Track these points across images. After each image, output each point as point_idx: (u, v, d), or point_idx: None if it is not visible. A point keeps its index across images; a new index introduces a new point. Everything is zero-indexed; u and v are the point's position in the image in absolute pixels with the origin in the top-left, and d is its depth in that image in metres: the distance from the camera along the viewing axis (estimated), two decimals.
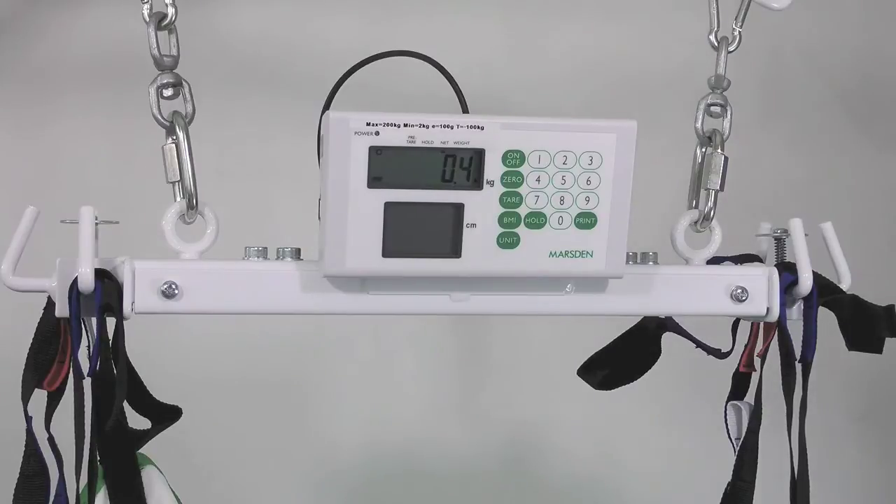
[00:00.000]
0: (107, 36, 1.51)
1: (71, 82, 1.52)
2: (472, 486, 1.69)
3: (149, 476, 0.93)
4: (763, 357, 1.03)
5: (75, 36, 1.52)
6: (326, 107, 0.95)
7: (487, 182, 0.90)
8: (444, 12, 1.62)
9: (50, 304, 0.89)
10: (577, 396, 1.04)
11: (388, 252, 0.89)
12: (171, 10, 0.92)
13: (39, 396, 0.89)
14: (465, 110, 0.98)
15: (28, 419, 0.88)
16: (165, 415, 0.93)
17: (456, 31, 1.62)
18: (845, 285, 1.03)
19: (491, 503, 1.70)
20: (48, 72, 1.52)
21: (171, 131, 0.92)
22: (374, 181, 0.88)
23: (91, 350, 0.88)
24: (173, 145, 0.92)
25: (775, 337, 1.01)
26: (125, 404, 0.89)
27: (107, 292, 0.87)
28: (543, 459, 1.71)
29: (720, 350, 1.07)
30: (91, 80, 1.52)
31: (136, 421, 0.92)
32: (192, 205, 0.92)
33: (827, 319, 1.03)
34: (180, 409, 0.94)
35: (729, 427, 1.07)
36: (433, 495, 1.69)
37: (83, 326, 0.88)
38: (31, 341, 0.90)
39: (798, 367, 1.01)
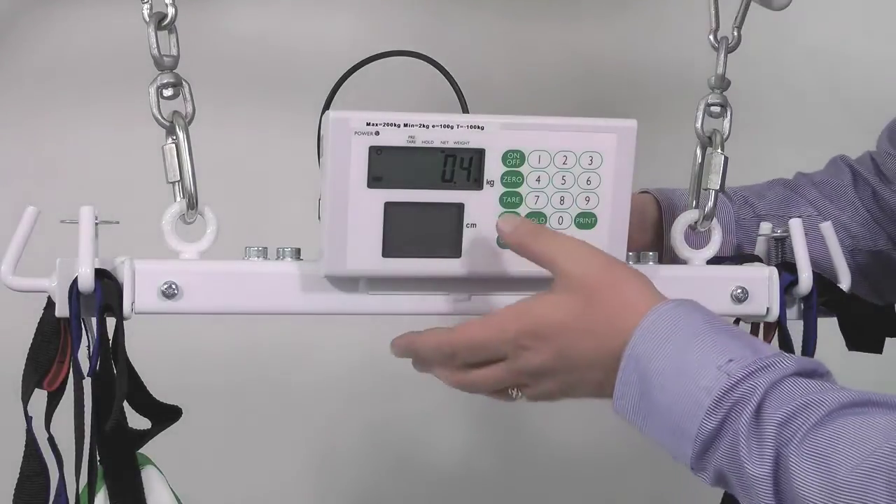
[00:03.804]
0: (107, 36, 1.50)
1: (71, 82, 1.52)
2: (473, 486, 1.69)
3: (148, 476, 0.93)
4: None
5: (75, 36, 1.52)
6: (326, 106, 0.95)
7: (487, 182, 0.90)
8: (443, 11, 1.62)
9: (50, 304, 0.89)
10: None
11: (388, 252, 0.89)
12: (170, 10, 0.92)
13: (40, 396, 0.89)
14: (465, 110, 0.98)
15: (28, 419, 0.88)
16: (165, 415, 0.93)
17: (456, 30, 1.62)
18: (845, 285, 1.03)
19: (491, 503, 1.70)
20: (48, 72, 1.52)
21: (171, 131, 0.92)
22: (374, 181, 0.88)
23: (91, 350, 0.88)
24: (173, 145, 0.92)
25: (775, 337, 1.01)
26: (125, 404, 0.89)
27: (107, 292, 0.87)
28: (543, 458, 1.71)
29: None
30: (91, 80, 1.52)
31: (136, 421, 0.92)
32: (192, 205, 0.92)
33: (827, 319, 1.03)
34: (180, 409, 0.93)
35: None
36: (433, 495, 1.69)
37: (83, 326, 0.88)
38: (30, 341, 0.90)
39: None
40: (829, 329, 1.03)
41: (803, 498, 0.73)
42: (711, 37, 1.04)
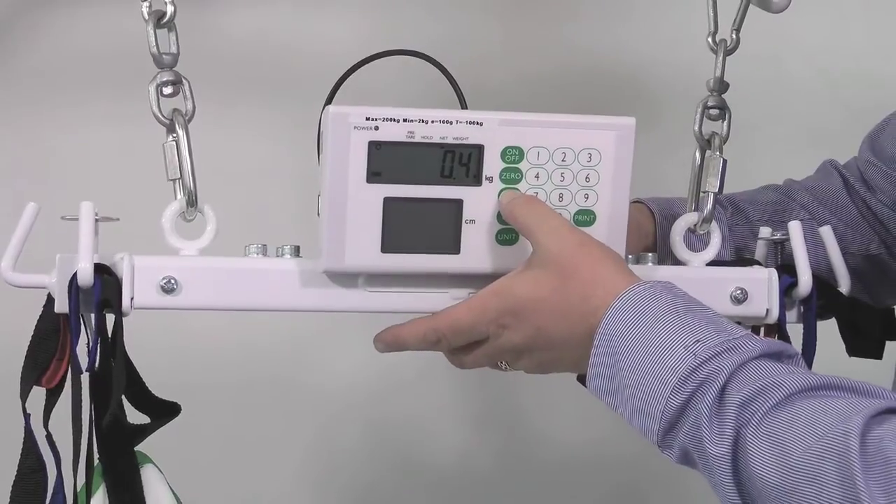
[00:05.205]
0: (107, 34, 1.51)
1: (71, 80, 1.52)
2: (472, 486, 1.69)
3: (147, 474, 0.92)
4: None
5: (75, 34, 1.52)
6: (327, 105, 0.95)
7: (486, 178, 0.90)
8: (443, 11, 1.62)
9: (49, 301, 0.89)
10: (576, 395, 1.04)
11: (387, 248, 0.89)
12: (170, 8, 0.92)
13: (39, 394, 0.89)
14: (464, 108, 0.98)
15: (26, 416, 0.88)
16: (164, 411, 0.93)
17: (455, 29, 1.62)
18: (844, 289, 1.03)
19: (490, 502, 1.70)
20: (48, 70, 1.52)
21: (171, 129, 0.92)
22: (374, 176, 0.88)
23: (90, 346, 0.88)
24: (173, 143, 0.92)
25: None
26: (124, 401, 0.89)
27: (106, 287, 0.87)
28: (543, 458, 1.71)
29: None
30: (91, 78, 1.52)
31: (135, 418, 0.92)
32: (191, 202, 0.92)
33: (827, 323, 1.03)
34: (179, 406, 0.93)
35: None
36: (433, 495, 1.69)
37: (82, 322, 0.88)
38: (30, 339, 0.90)
39: None
40: (828, 332, 1.03)
41: (759, 477, 0.74)
42: (710, 39, 1.05)
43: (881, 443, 0.70)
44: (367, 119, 0.87)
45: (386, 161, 0.88)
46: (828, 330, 1.03)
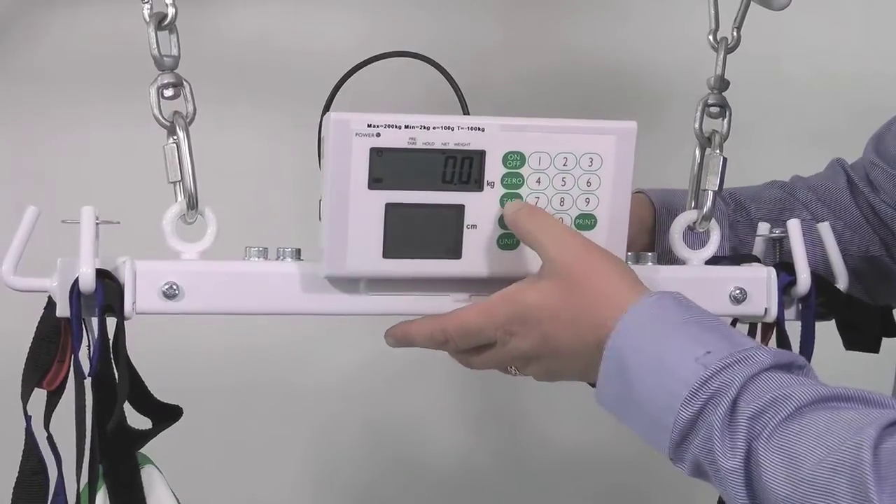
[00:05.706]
0: (107, 36, 1.51)
1: (71, 82, 1.52)
2: (472, 486, 1.69)
3: (148, 475, 0.93)
4: None
5: (75, 36, 1.52)
6: (327, 107, 0.95)
7: (488, 183, 0.90)
8: (443, 12, 1.62)
9: (50, 304, 0.89)
10: (577, 395, 1.04)
11: (388, 253, 0.89)
12: (171, 10, 0.92)
13: (39, 396, 0.89)
14: (465, 111, 0.98)
15: (27, 418, 0.88)
16: (166, 414, 0.93)
17: (456, 31, 1.62)
18: (842, 285, 1.04)
19: (490, 502, 1.70)
20: (49, 71, 1.52)
21: (171, 131, 0.92)
22: (375, 182, 0.88)
23: (91, 350, 0.88)
24: (174, 145, 0.92)
25: (773, 337, 1.01)
26: (125, 404, 0.89)
27: (108, 292, 0.87)
28: (542, 458, 1.71)
29: None
30: (92, 80, 1.52)
31: (136, 420, 0.92)
32: (192, 205, 0.92)
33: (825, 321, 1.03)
34: (181, 409, 0.94)
35: None
36: (432, 495, 1.69)
37: (83, 326, 0.88)
38: (30, 341, 0.90)
39: None
40: (826, 329, 1.03)
41: (771, 491, 0.73)
42: (711, 37, 1.05)
43: (894, 454, 0.70)
44: (369, 126, 0.87)
45: (387, 167, 0.88)
46: (826, 328, 1.03)
